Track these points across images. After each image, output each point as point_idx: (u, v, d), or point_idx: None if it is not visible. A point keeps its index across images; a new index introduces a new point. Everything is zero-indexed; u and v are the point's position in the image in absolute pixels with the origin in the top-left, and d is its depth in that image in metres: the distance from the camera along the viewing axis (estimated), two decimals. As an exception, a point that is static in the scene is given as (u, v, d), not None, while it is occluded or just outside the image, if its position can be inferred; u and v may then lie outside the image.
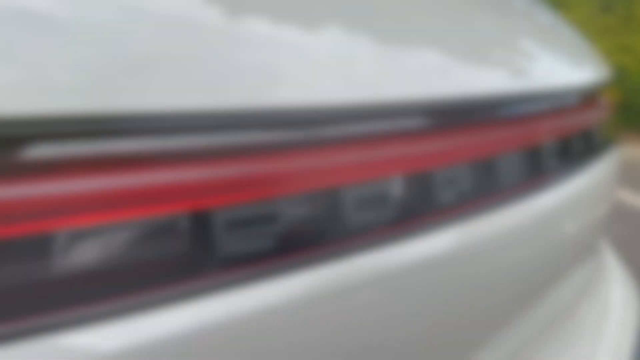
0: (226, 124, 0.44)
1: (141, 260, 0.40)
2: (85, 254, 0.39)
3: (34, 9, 0.40)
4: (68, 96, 0.38)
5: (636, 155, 5.95)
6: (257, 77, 0.46)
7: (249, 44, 0.48)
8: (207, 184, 0.43)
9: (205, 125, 0.43)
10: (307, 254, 0.47)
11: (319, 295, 0.47)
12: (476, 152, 0.67)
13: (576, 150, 0.94)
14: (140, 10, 0.45)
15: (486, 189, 0.68)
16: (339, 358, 0.50)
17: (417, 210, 0.55)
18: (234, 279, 0.44)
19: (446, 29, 0.78)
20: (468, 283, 0.63)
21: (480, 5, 0.97)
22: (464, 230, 0.62)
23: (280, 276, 0.46)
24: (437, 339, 0.61)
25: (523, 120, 0.80)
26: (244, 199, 0.44)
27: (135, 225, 0.41)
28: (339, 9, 0.63)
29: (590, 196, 0.98)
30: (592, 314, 1.12)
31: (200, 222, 0.43)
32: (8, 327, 0.37)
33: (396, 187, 0.54)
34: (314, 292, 0.47)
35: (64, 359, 0.37)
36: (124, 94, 0.40)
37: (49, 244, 0.38)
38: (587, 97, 1.01)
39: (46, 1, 0.42)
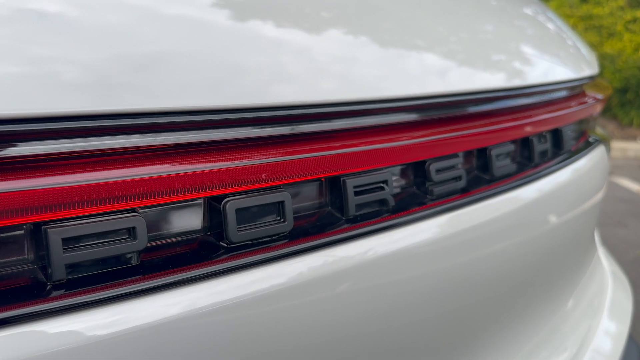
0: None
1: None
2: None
3: (43, 9, 0.42)
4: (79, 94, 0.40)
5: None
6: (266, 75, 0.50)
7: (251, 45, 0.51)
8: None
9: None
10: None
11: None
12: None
13: (560, 144, 0.92)
14: (148, 12, 0.47)
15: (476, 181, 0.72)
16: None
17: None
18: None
19: (440, 28, 0.78)
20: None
21: (472, 5, 0.97)
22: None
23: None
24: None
25: (506, 115, 0.79)
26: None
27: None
28: (339, 12, 0.65)
29: (577, 189, 0.96)
30: (584, 312, 1.11)
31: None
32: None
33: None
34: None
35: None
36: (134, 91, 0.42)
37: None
38: (573, 94, 0.99)
39: (55, 2, 0.43)
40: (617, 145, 5.47)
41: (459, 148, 0.71)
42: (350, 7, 0.67)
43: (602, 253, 1.39)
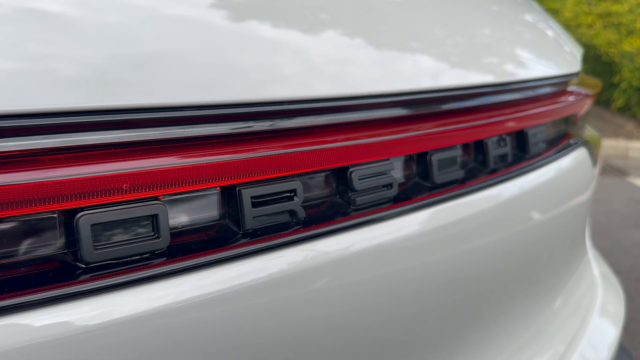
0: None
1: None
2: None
3: (40, 8, 0.42)
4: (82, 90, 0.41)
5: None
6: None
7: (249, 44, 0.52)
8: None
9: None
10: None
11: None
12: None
13: (525, 147, 0.85)
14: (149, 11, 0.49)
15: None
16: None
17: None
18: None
19: (429, 28, 0.75)
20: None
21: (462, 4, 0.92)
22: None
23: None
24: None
25: (463, 115, 0.72)
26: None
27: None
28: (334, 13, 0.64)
29: (553, 192, 0.89)
30: (571, 313, 1.07)
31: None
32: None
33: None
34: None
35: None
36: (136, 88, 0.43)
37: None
38: (544, 93, 0.92)
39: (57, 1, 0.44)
40: (635, 145, 5.29)
41: (405, 150, 0.65)
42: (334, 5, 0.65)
43: (592, 256, 1.30)
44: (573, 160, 0.99)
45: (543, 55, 0.93)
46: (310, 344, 0.53)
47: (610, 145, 5.22)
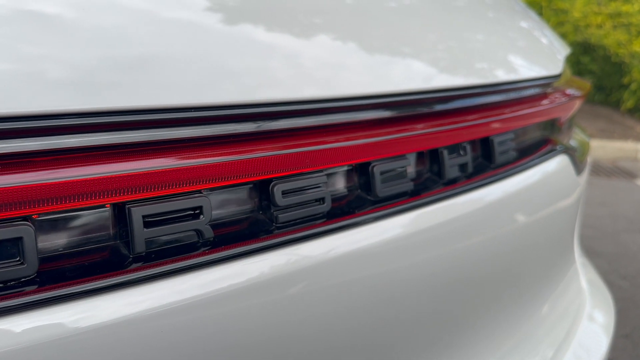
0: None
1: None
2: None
3: (37, 10, 0.42)
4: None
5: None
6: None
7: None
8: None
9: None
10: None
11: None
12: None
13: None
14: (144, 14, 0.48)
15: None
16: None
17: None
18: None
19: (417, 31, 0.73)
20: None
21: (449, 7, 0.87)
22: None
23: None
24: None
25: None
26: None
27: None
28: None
29: (525, 201, 0.83)
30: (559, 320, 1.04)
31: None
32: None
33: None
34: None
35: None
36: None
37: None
38: (513, 98, 0.85)
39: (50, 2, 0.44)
40: (646, 147, 5.14)
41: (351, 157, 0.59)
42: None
43: (581, 264, 1.23)
44: (551, 168, 0.92)
45: (516, 56, 0.86)
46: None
47: (619, 147, 5.09)
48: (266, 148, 0.50)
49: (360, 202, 0.60)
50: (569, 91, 1.07)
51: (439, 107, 0.67)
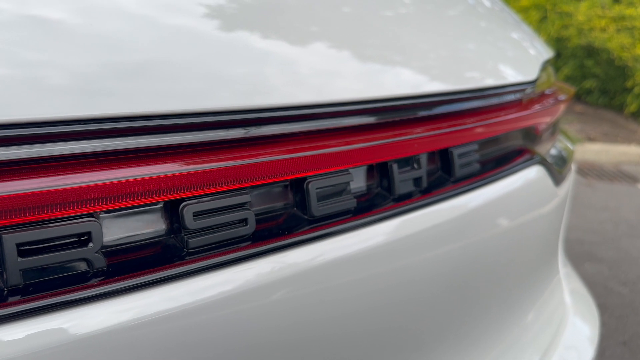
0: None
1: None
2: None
3: (34, 16, 0.41)
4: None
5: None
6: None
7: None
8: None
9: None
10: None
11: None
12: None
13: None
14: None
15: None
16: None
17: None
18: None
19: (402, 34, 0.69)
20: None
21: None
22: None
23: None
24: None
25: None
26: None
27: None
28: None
29: (499, 211, 0.77)
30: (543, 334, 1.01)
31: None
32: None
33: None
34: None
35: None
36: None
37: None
38: (495, 104, 0.79)
39: (46, 7, 0.43)
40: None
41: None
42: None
43: (564, 275, 1.17)
44: (523, 179, 0.85)
45: (485, 62, 0.80)
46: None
47: (622, 151, 4.98)
48: (176, 164, 0.45)
49: (293, 222, 0.54)
50: (548, 97, 1.01)
51: (387, 118, 0.61)
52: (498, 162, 0.83)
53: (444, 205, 0.68)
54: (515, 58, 0.90)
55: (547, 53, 1.14)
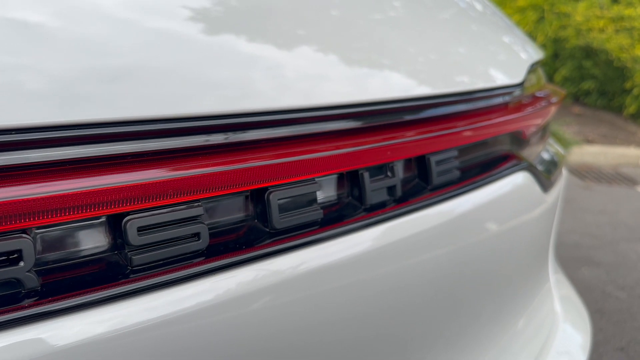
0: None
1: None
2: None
3: (12, 18, 0.40)
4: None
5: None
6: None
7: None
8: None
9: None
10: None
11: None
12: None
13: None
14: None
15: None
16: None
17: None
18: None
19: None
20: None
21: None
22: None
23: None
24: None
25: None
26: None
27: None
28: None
29: (481, 219, 0.75)
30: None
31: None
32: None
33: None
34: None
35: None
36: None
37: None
38: (477, 108, 0.75)
39: (26, 10, 0.42)
40: (649, 153, 5.00)
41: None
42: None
43: (555, 282, 1.14)
44: (508, 186, 0.82)
45: (467, 65, 0.77)
46: None
47: (621, 153, 4.95)
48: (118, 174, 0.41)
49: (253, 236, 0.51)
50: (536, 100, 0.97)
51: (356, 124, 0.58)
52: (481, 168, 0.80)
53: (419, 214, 0.65)
54: (500, 60, 0.87)
55: (537, 54, 1.11)
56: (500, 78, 0.83)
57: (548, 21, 6.35)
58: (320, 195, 0.58)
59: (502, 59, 0.89)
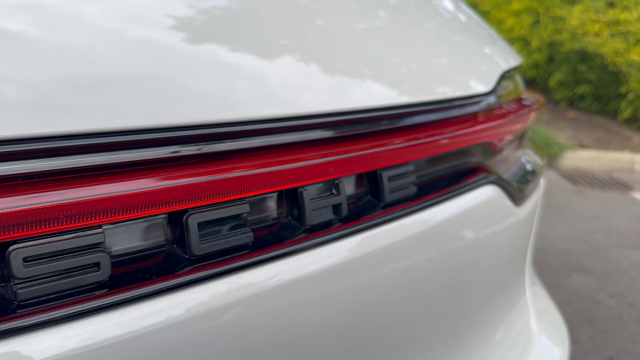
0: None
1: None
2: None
3: None
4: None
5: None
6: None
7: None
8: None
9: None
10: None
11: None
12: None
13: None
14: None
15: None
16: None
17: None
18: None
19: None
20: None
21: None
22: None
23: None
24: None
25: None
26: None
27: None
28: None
29: (442, 236, 0.71)
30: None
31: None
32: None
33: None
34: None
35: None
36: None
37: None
38: (439, 119, 0.71)
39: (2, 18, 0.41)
40: (643, 158, 4.97)
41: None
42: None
43: (531, 295, 1.10)
44: (472, 201, 0.77)
45: (423, 75, 0.72)
46: None
47: (615, 158, 4.91)
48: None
49: (170, 263, 0.46)
50: (509, 110, 0.93)
51: (295, 138, 0.53)
52: (445, 182, 0.76)
53: (369, 233, 0.61)
54: (469, 69, 0.82)
55: (514, 61, 1.06)
56: (467, 87, 0.78)
57: (543, 25, 6.31)
58: (254, 216, 0.53)
59: (471, 68, 0.84)
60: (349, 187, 0.64)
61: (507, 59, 1.03)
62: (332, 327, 0.57)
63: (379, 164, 0.61)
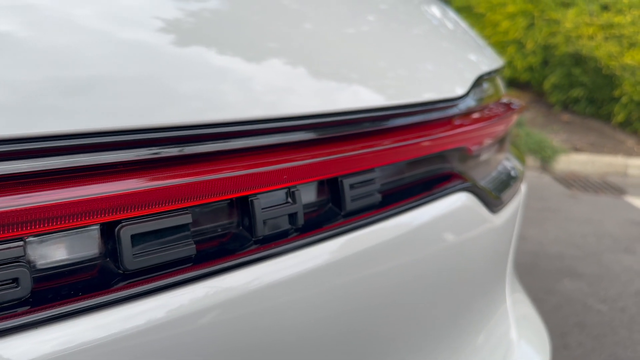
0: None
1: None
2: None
3: None
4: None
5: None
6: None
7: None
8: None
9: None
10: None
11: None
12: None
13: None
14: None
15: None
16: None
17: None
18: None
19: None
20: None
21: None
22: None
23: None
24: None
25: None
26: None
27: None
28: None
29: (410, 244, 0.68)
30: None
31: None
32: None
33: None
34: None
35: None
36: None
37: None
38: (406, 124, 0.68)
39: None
40: (635, 162, 4.95)
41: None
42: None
43: (512, 303, 1.07)
44: (442, 209, 0.75)
45: (392, 78, 0.69)
46: None
47: (608, 162, 4.89)
48: None
49: (102, 279, 0.43)
50: (485, 114, 0.90)
51: (249, 144, 0.50)
52: (414, 189, 0.73)
53: (330, 243, 0.58)
54: (442, 71, 0.79)
55: (494, 63, 1.03)
56: (440, 90, 0.75)
57: (538, 28, 6.30)
58: (202, 226, 0.50)
59: (446, 70, 0.81)
60: (310, 194, 0.61)
61: (487, 61, 1.00)
62: (291, 341, 0.54)
63: (338, 171, 0.58)
